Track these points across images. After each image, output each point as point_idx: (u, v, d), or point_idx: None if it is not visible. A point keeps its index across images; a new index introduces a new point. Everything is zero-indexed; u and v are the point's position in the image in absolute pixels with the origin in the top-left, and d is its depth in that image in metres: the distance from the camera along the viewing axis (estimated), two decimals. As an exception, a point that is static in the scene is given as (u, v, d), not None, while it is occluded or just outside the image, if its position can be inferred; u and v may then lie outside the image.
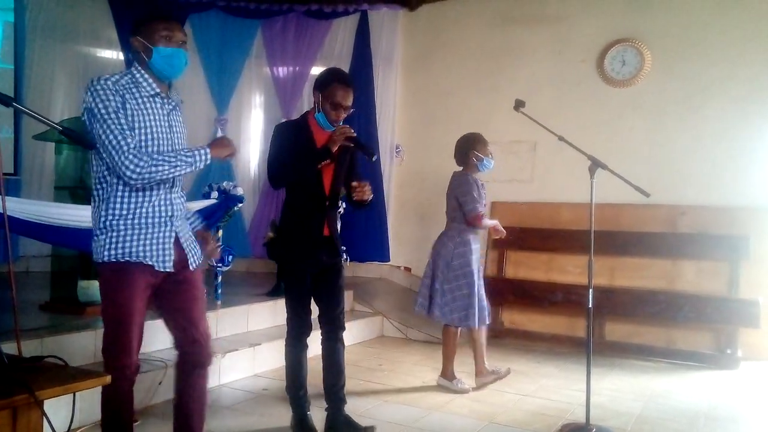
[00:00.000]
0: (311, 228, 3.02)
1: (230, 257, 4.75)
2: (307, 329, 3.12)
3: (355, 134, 2.95)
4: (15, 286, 2.40)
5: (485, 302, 4.14)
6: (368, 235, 6.42)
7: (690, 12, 5.46)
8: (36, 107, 2.19)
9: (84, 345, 3.46)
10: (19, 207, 3.43)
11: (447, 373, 4.14)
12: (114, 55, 6.70)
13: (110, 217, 2.20)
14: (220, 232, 4.69)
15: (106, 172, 2.21)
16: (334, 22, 6.88)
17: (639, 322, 5.20)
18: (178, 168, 2.20)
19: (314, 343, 3.20)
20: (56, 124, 1.94)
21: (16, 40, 5.96)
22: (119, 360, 2.24)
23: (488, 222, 4.18)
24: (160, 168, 2.16)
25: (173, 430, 2.47)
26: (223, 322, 4.48)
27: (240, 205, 4.66)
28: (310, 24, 6.92)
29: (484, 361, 4.18)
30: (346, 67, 6.68)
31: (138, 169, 2.12)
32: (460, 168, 4.16)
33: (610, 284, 5.30)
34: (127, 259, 2.20)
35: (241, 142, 7.11)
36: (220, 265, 4.64)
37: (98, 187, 2.25)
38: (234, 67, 6.99)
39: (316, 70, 6.88)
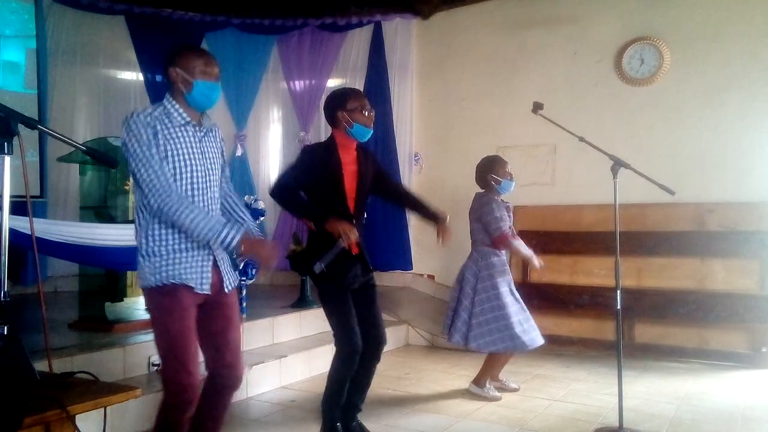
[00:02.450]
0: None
1: (254, 270, 4.78)
2: (360, 347, 2.98)
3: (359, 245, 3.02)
4: (45, 306, 2.43)
5: (524, 326, 3.89)
6: (390, 244, 6.40)
7: (707, 7, 5.39)
8: (59, 130, 2.22)
9: (113, 362, 3.50)
10: (46, 228, 3.50)
11: (479, 382, 4.06)
12: (133, 76, 6.81)
13: (151, 244, 2.28)
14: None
15: (146, 201, 2.26)
16: (348, 34, 6.91)
17: (669, 323, 5.11)
18: (198, 227, 2.20)
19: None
20: (80, 144, 1.98)
21: (39, 65, 6.09)
22: (180, 386, 2.23)
23: (521, 247, 4.00)
24: (182, 215, 2.19)
25: None
26: (249, 335, 4.48)
27: (261, 218, 4.69)
28: (325, 37, 6.96)
29: (487, 377, 4.07)
30: (362, 78, 6.75)
31: (164, 206, 2.18)
32: (482, 189, 4.10)
33: (637, 285, 5.21)
34: (172, 281, 2.26)
35: (260, 156, 7.19)
36: (244, 278, 4.67)
37: (139, 215, 2.32)
38: (251, 83, 7.06)
39: (333, 83, 6.93)
